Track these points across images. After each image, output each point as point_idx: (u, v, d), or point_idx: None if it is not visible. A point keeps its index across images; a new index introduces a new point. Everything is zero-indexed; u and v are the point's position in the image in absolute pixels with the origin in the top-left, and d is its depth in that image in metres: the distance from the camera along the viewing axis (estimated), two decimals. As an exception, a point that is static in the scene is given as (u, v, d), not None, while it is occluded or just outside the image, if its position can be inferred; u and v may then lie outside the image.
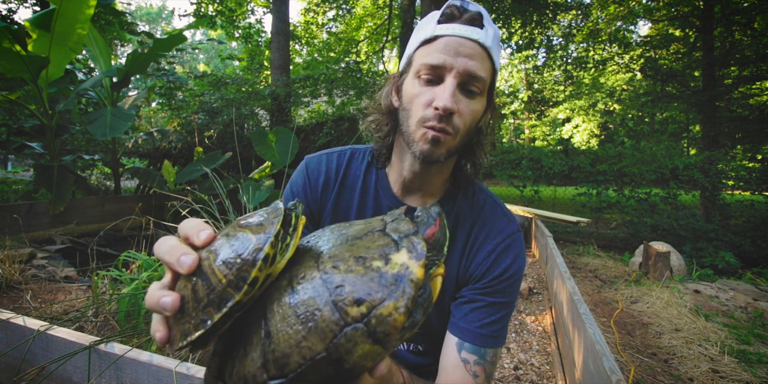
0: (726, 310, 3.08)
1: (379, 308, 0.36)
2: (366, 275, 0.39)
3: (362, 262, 0.40)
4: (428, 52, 0.71)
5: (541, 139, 22.94)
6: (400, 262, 0.40)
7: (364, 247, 0.43)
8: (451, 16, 0.71)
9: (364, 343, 0.36)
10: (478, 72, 0.69)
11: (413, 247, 0.42)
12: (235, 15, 10.94)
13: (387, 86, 0.82)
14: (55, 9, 4.16)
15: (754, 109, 8.42)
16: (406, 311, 0.37)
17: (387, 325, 0.36)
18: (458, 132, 0.70)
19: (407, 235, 0.44)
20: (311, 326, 0.36)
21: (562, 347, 2.14)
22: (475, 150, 0.81)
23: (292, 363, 0.36)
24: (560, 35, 11.91)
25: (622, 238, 5.84)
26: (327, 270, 0.40)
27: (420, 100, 0.71)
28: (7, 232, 3.86)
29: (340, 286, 0.38)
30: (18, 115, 5.78)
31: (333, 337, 0.35)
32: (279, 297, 0.40)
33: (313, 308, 0.37)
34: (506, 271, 0.78)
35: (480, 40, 0.69)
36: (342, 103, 7.86)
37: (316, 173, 0.87)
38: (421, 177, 0.79)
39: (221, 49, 28.03)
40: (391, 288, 0.37)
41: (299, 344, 0.36)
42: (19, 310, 2.09)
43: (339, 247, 0.44)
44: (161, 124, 9.40)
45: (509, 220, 0.84)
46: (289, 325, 0.37)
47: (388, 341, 0.36)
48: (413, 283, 0.38)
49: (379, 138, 0.84)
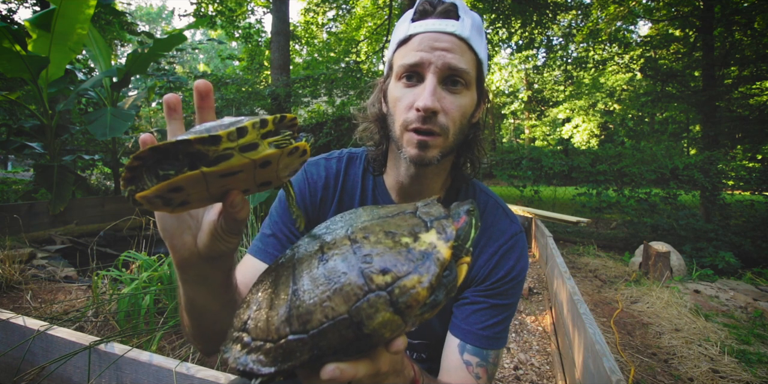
0: (726, 310, 3.07)
1: (404, 280, 0.38)
2: (394, 248, 0.40)
3: (392, 236, 0.42)
4: (405, 52, 0.69)
5: (541, 139, 22.96)
6: (428, 240, 0.41)
7: (394, 224, 0.44)
8: (424, 12, 0.69)
9: (385, 311, 0.37)
10: (458, 64, 0.66)
11: (443, 229, 0.43)
12: (235, 15, 10.94)
13: (374, 93, 0.81)
14: (55, 9, 4.16)
15: (754, 109, 8.41)
16: (429, 286, 0.38)
17: (409, 296, 0.37)
18: (447, 131, 0.68)
19: (438, 218, 0.46)
20: (337, 288, 0.38)
21: (562, 347, 2.14)
22: (472, 147, 0.78)
23: (315, 320, 0.37)
24: (560, 35, 11.91)
25: (622, 238, 5.84)
26: (357, 239, 0.42)
27: (402, 103, 0.69)
28: (7, 232, 3.86)
29: (368, 255, 0.40)
30: (18, 115, 5.78)
31: (356, 301, 0.37)
32: (310, 260, 0.42)
33: (341, 272, 0.39)
34: (509, 273, 0.77)
35: (456, 32, 0.67)
36: (342, 103, 7.86)
37: (315, 178, 0.85)
38: (417, 181, 0.77)
39: (221, 49, 28.04)
40: (418, 263, 0.39)
41: (323, 304, 0.38)
42: (19, 310, 2.09)
43: (370, 221, 0.45)
44: (161, 124, 9.40)
45: (511, 221, 0.83)
46: (316, 285, 0.39)
47: (409, 314, 0.37)
48: (439, 261, 0.39)
49: (373, 146, 0.82)
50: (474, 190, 0.86)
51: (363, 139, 0.84)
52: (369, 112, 0.81)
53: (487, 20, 10.54)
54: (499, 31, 10.62)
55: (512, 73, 21.54)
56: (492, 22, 10.21)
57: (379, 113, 0.79)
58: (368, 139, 0.83)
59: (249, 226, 2.19)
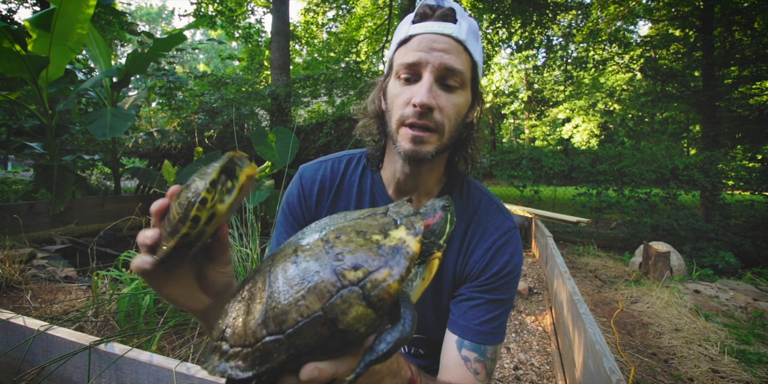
0: (726, 310, 3.07)
1: (375, 274, 0.39)
2: (365, 246, 0.42)
3: (363, 235, 0.43)
4: (405, 52, 0.73)
5: (541, 139, 22.95)
6: (398, 236, 0.43)
7: (366, 225, 0.46)
8: (424, 15, 0.73)
9: (358, 306, 0.37)
10: (454, 65, 0.70)
11: (411, 225, 0.45)
12: (235, 15, 10.94)
13: (374, 91, 0.85)
14: (55, 9, 4.16)
15: (754, 109, 8.42)
16: (400, 279, 0.39)
17: (381, 290, 0.38)
18: (443, 128, 0.71)
19: (407, 216, 0.48)
20: (310, 287, 0.39)
21: (562, 347, 2.14)
22: (466, 146, 0.81)
23: (290, 320, 0.38)
24: (560, 35, 11.90)
25: (622, 238, 5.84)
26: (330, 240, 0.43)
27: (400, 99, 0.72)
28: (7, 232, 3.86)
29: (340, 253, 0.41)
30: (18, 115, 5.78)
31: (330, 298, 0.38)
32: (284, 262, 0.43)
33: (314, 271, 0.40)
34: (504, 268, 0.78)
35: (453, 35, 0.70)
36: (342, 103, 7.86)
37: (310, 183, 0.88)
38: (412, 177, 0.80)
39: (221, 49, 28.03)
40: (388, 258, 0.40)
41: (298, 303, 0.38)
42: (19, 310, 2.09)
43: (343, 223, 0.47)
44: (161, 124, 9.39)
45: (505, 217, 0.84)
46: (290, 286, 0.40)
47: (382, 307, 0.38)
48: (409, 255, 0.41)
49: (372, 141, 0.86)
50: (468, 187, 0.87)
51: (362, 135, 0.87)
52: (369, 109, 0.85)
53: (487, 20, 10.53)
54: (499, 31, 10.61)
55: (512, 73, 21.50)
56: (492, 22, 10.20)
57: (378, 110, 0.82)
58: (367, 135, 0.86)
59: (249, 226, 2.19)
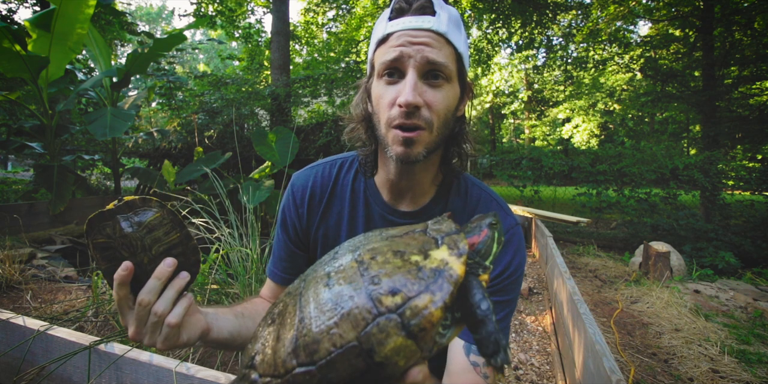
0: (726, 310, 3.07)
1: (415, 300, 0.35)
2: (403, 268, 0.38)
3: (400, 255, 0.39)
4: (384, 50, 0.70)
5: (541, 139, 22.94)
6: (439, 257, 0.39)
7: (403, 244, 0.42)
8: (401, 10, 0.70)
9: (396, 336, 0.34)
10: (437, 58, 0.67)
11: (454, 245, 0.41)
12: (235, 15, 10.93)
13: (358, 94, 0.81)
14: (55, 9, 4.16)
15: (754, 109, 8.41)
16: (443, 306, 0.35)
17: (422, 318, 0.34)
18: (432, 125, 0.68)
19: (449, 234, 0.43)
20: (344, 313, 0.35)
21: (562, 347, 2.14)
22: (459, 141, 0.78)
23: (322, 350, 0.35)
24: (560, 35, 11.89)
25: (622, 238, 5.83)
26: (364, 261, 0.40)
27: (384, 100, 0.70)
28: (7, 232, 3.86)
29: (376, 276, 0.37)
30: (18, 115, 5.78)
31: (365, 326, 0.34)
32: (316, 286, 0.40)
33: (348, 296, 0.36)
34: (507, 269, 0.77)
35: (433, 28, 0.67)
36: (342, 103, 7.86)
37: (300, 190, 0.87)
38: (407, 178, 0.77)
39: (221, 49, 28.03)
40: (429, 281, 0.36)
41: (330, 331, 0.35)
42: (19, 310, 2.10)
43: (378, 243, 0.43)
44: (161, 124, 9.39)
45: (506, 213, 0.82)
46: (322, 312, 0.37)
47: (423, 337, 0.35)
48: (452, 278, 0.37)
49: (362, 146, 0.82)
50: (466, 184, 0.85)
51: (351, 141, 0.84)
52: (354, 113, 0.81)
53: (487, 20, 10.52)
54: (499, 31, 10.60)
55: (512, 73, 21.49)
56: (492, 22, 10.20)
57: (364, 113, 0.79)
58: (356, 140, 0.83)
59: (249, 226, 2.19)
